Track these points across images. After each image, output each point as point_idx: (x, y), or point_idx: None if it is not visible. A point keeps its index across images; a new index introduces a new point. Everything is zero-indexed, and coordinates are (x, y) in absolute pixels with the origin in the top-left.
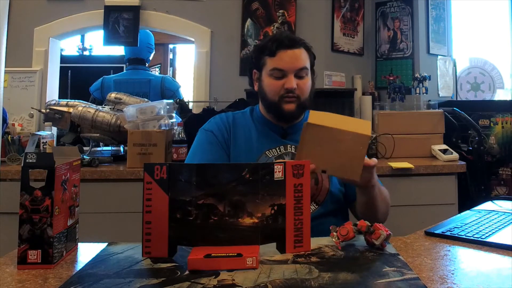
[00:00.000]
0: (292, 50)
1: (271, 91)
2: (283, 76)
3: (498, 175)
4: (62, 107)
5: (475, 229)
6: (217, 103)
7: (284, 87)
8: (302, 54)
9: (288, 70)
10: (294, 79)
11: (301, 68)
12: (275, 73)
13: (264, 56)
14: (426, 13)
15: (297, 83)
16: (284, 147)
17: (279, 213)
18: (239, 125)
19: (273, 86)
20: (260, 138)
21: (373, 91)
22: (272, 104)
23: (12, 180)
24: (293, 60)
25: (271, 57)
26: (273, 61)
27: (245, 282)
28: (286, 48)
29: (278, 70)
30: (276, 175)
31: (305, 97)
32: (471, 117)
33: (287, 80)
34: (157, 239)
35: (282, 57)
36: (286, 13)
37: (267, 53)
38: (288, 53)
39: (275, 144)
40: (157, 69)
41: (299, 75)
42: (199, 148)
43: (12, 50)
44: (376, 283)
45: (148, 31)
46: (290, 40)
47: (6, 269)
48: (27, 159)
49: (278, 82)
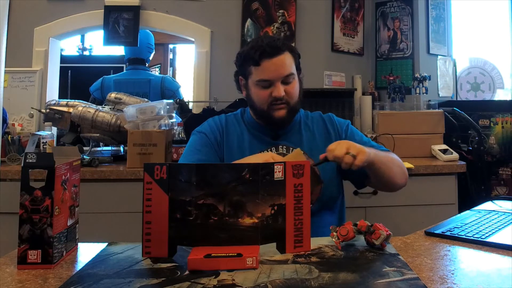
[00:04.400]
0: (276, 58)
1: (259, 101)
2: (270, 85)
3: (498, 175)
4: (62, 107)
5: (475, 229)
6: (217, 103)
7: (272, 95)
8: (286, 59)
9: (275, 79)
10: (281, 87)
11: (288, 75)
12: (261, 84)
13: (248, 66)
14: (426, 13)
15: (284, 90)
16: (275, 148)
17: (279, 213)
18: (231, 128)
19: (261, 95)
20: (252, 140)
21: (373, 91)
22: (261, 112)
23: (12, 180)
24: (278, 68)
25: (255, 67)
26: (258, 72)
27: (245, 282)
28: (270, 57)
29: (264, 80)
30: (276, 175)
31: (294, 101)
32: (471, 117)
33: (275, 89)
34: (157, 239)
35: (267, 67)
36: (286, 13)
37: (252, 63)
38: (273, 62)
39: (267, 146)
40: (157, 69)
41: (286, 81)
42: (191, 149)
43: (12, 50)
44: (376, 283)
45: (148, 31)
46: (272, 47)
47: (6, 269)
48: (27, 159)
49: (265, 91)
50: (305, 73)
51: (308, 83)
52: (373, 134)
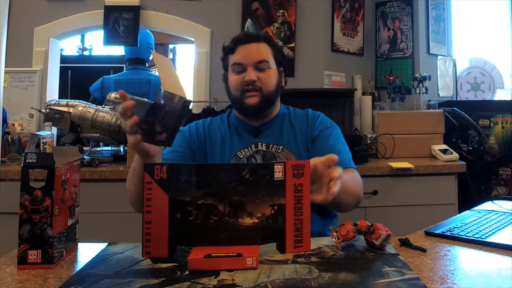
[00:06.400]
0: (250, 44)
1: (233, 87)
2: (243, 70)
3: (498, 175)
4: (62, 107)
5: (475, 229)
6: (217, 103)
7: (244, 80)
8: (261, 47)
9: (247, 63)
10: (253, 72)
11: (260, 60)
12: (235, 68)
13: (227, 56)
14: (426, 13)
15: (258, 76)
16: (255, 146)
17: (279, 213)
18: (214, 129)
19: (235, 80)
20: (233, 140)
21: (373, 91)
22: (235, 100)
23: (12, 180)
24: (251, 53)
25: (231, 54)
26: (233, 57)
27: (245, 282)
28: (244, 43)
29: (237, 64)
30: (276, 175)
31: (268, 90)
32: (471, 117)
33: (247, 73)
34: (157, 239)
35: (240, 52)
36: (286, 13)
37: (228, 51)
38: (246, 47)
39: (247, 144)
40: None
41: (260, 68)
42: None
43: (12, 50)
44: (376, 283)
45: (148, 31)
46: (248, 36)
47: (6, 269)
48: (27, 159)
49: (239, 76)
50: (305, 73)
51: (308, 83)
52: (373, 134)
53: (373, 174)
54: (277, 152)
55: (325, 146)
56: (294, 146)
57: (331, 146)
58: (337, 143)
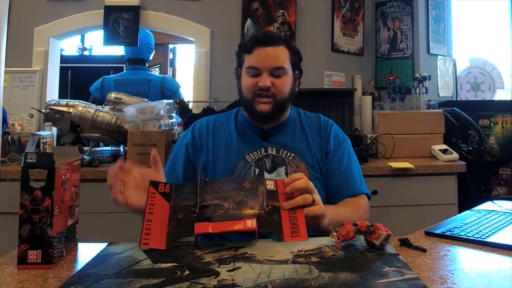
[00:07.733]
0: (269, 48)
1: (245, 89)
2: (258, 74)
3: (498, 175)
4: (62, 107)
5: (475, 229)
6: (217, 103)
7: (258, 84)
8: (279, 52)
9: (263, 68)
10: (268, 78)
11: (277, 67)
12: (250, 71)
13: (243, 53)
14: (426, 13)
15: (273, 82)
16: (264, 150)
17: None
18: (219, 129)
19: (248, 83)
20: (240, 142)
21: (373, 91)
22: (247, 102)
23: (12, 180)
24: (269, 58)
25: (248, 54)
26: (249, 59)
27: (245, 282)
28: (262, 45)
29: (253, 68)
30: (268, 187)
31: (282, 97)
32: (471, 117)
33: (261, 78)
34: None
35: (257, 55)
36: (286, 13)
37: (245, 50)
38: (264, 51)
39: (255, 147)
40: (157, 69)
41: (276, 74)
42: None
43: (12, 50)
44: (376, 283)
45: (148, 31)
46: (267, 37)
47: (6, 269)
48: (27, 159)
49: (252, 80)
50: (305, 73)
51: (308, 83)
52: (373, 134)
53: (373, 174)
54: (288, 158)
55: (338, 169)
56: (308, 157)
57: (345, 168)
58: (350, 163)
